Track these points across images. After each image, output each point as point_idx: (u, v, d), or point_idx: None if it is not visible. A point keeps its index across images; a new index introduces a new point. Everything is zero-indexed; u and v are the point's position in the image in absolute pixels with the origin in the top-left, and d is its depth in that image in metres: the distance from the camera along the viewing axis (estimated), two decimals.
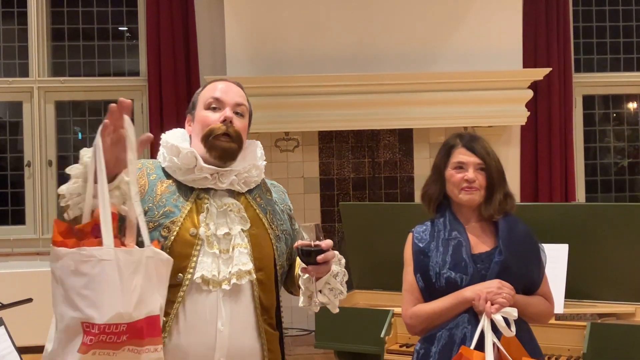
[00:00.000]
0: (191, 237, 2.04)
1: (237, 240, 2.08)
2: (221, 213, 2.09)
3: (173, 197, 2.09)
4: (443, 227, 2.49)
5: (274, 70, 5.85)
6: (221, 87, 2.19)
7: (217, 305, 2.02)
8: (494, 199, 2.45)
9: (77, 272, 1.64)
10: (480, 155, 2.47)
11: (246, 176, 2.15)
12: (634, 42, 6.79)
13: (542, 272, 2.50)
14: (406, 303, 2.52)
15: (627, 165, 6.81)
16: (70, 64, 6.43)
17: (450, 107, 5.91)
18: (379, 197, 6.24)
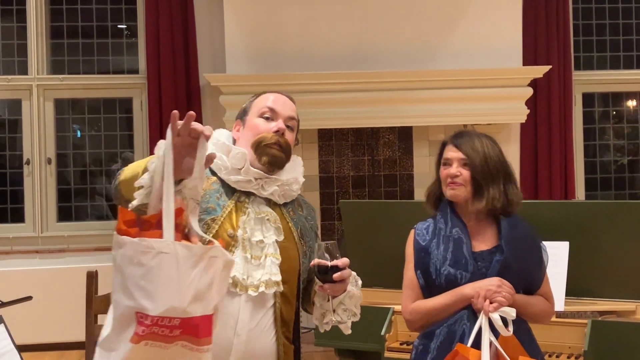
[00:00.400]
0: (228, 237, 2.06)
1: (270, 249, 2.10)
2: (258, 220, 2.12)
3: (216, 194, 2.12)
4: (444, 224, 2.49)
5: (274, 68, 5.84)
6: (276, 99, 2.24)
7: (239, 309, 2.04)
8: (483, 194, 2.43)
9: (137, 262, 1.63)
10: (464, 150, 2.47)
11: (287, 188, 2.19)
12: (633, 39, 6.78)
13: (543, 272, 2.50)
14: (406, 299, 2.52)
15: (627, 162, 6.81)
16: (69, 62, 6.42)
17: (450, 104, 5.91)
18: (378, 195, 6.24)
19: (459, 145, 2.50)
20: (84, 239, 6.22)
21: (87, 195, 6.46)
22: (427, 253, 2.48)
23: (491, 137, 2.58)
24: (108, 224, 6.37)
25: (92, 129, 6.55)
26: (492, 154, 2.48)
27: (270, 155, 2.13)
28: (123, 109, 6.44)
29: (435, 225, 2.52)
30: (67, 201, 6.38)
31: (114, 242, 1.68)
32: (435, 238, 2.48)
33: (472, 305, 2.32)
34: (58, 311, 5.81)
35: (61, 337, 5.85)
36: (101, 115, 6.47)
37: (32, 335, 5.76)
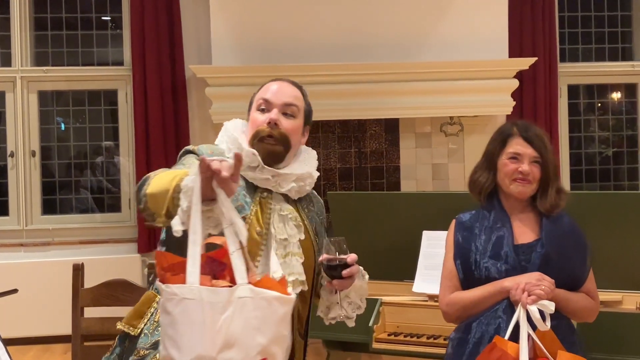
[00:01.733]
0: (258, 236, 2.03)
1: (294, 248, 2.07)
2: (281, 217, 2.09)
3: (242, 192, 2.07)
4: (488, 216, 2.46)
5: (260, 60, 5.82)
6: (273, 88, 2.18)
7: None
8: (548, 193, 2.41)
9: (164, 309, 1.57)
10: (537, 147, 2.42)
11: (302, 184, 2.15)
12: (618, 31, 6.81)
13: (587, 269, 2.45)
14: (443, 290, 2.50)
15: (612, 154, 6.84)
16: (54, 54, 6.36)
17: (436, 96, 5.91)
18: (365, 187, 6.24)
19: (531, 140, 2.44)
20: (68, 232, 6.18)
21: (72, 188, 6.41)
22: (467, 244, 2.45)
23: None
24: (93, 217, 6.34)
25: (77, 121, 6.51)
26: (551, 148, 2.46)
27: (263, 151, 2.08)
28: (108, 101, 6.40)
29: (477, 215, 2.49)
30: (52, 194, 6.34)
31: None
32: (477, 230, 2.45)
33: (510, 297, 2.28)
34: (43, 304, 5.78)
35: (46, 330, 5.82)
36: (86, 107, 6.42)
37: (17, 329, 5.72)
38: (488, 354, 2.18)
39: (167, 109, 6.05)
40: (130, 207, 6.28)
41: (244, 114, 6.43)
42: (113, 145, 6.38)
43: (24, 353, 5.67)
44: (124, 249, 6.02)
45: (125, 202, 6.31)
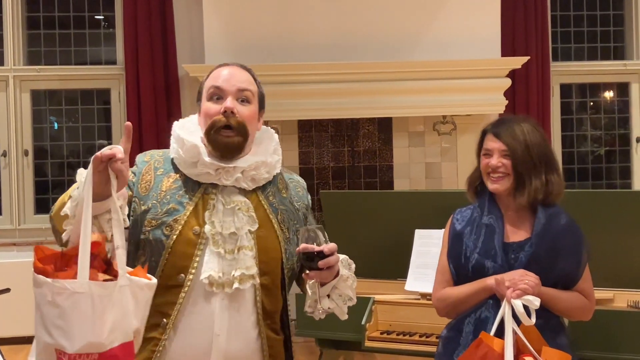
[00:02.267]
0: (194, 235, 1.96)
1: (243, 241, 1.98)
2: (229, 211, 1.99)
3: (178, 193, 2.00)
4: (480, 212, 2.44)
5: (253, 59, 5.81)
6: (224, 74, 2.05)
7: (216, 308, 1.95)
8: (525, 186, 2.37)
9: (52, 302, 1.64)
10: (504, 140, 2.39)
11: (254, 174, 2.03)
12: (610, 30, 6.83)
13: (581, 268, 2.41)
14: (436, 284, 2.50)
15: (604, 153, 6.86)
16: (46, 53, 6.35)
17: (429, 95, 5.92)
18: (358, 185, 6.25)
19: (499, 134, 2.41)
20: None
21: (65, 188, 6.38)
22: (460, 240, 2.44)
23: (532, 120, 2.49)
24: None
25: (70, 120, 6.50)
26: (534, 141, 2.39)
27: (220, 145, 1.98)
28: (101, 100, 6.39)
29: (473, 212, 2.48)
30: (45, 193, 6.33)
31: (33, 280, 1.71)
32: (470, 226, 2.44)
33: (495, 292, 2.27)
34: None
35: None
36: (78, 106, 6.41)
37: (10, 328, 5.71)
38: (474, 350, 2.17)
39: (160, 108, 6.04)
40: None
41: None
42: (106, 144, 6.36)
43: (17, 352, 5.66)
44: None
45: None
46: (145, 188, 2.02)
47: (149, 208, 1.98)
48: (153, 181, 2.03)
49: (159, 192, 2.00)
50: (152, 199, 2.00)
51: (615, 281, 3.29)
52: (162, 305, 1.92)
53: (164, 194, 2.00)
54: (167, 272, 1.94)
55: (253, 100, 2.08)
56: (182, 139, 2.03)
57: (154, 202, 2.00)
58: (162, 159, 2.09)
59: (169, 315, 1.94)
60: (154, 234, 1.96)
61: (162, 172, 2.05)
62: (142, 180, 2.04)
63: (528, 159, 2.37)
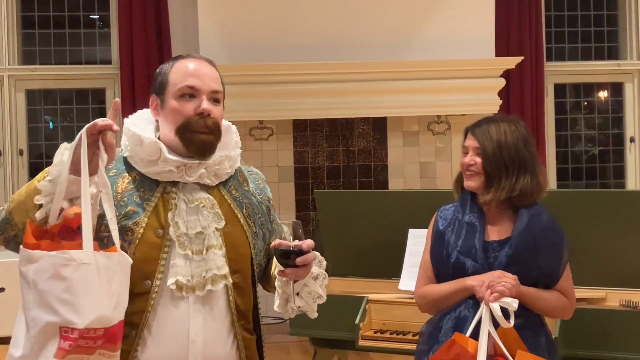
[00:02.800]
0: (158, 238, 1.87)
1: (211, 240, 1.89)
2: (192, 209, 1.90)
3: (136, 194, 1.90)
4: (462, 210, 2.45)
5: (248, 58, 5.82)
6: (194, 70, 1.95)
7: (189, 313, 1.86)
8: (494, 185, 2.37)
9: (56, 275, 1.58)
10: (479, 139, 2.41)
11: (217, 169, 1.96)
12: (604, 31, 6.85)
13: (562, 268, 2.41)
14: (419, 280, 2.51)
15: (598, 153, 6.89)
16: (41, 52, 6.35)
17: (424, 95, 5.93)
18: (353, 185, 6.26)
19: (475, 132, 2.43)
20: None
21: None
22: (441, 238, 2.44)
23: (517, 121, 2.47)
24: None
25: (65, 120, 6.49)
26: (509, 141, 2.38)
27: (198, 143, 1.89)
28: (96, 100, 6.39)
29: (455, 210, 2.49)
30: None
31: (22, 258, 1.64)
32: (452, 224, 2.44)
33: (475, 295, 2.27)
34: None
35: None
36: (73, 106, 6.41)
37: (4, 328, 5.70)
38: (447, 350, 2.16)
39: None
40: None
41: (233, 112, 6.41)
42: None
43: None
44: None
45: None
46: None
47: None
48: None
49: (114, 195, 1.88)
50: None
51: (607, 280, 3.31)
52: (129, 315, 1.78)
53: (120, 196, 1.90)
54: (131, 279, 1.78)
55: (222, 100, 2.01)
56: (138, 136, 1.92)
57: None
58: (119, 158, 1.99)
59: (138, 325, 1.85)
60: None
61: (114, 173, 1.94)
62: None
63: (498, 158, 2.37)
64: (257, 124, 6.09)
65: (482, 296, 2.23)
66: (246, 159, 6.82)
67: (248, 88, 5.70)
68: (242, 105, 5.61)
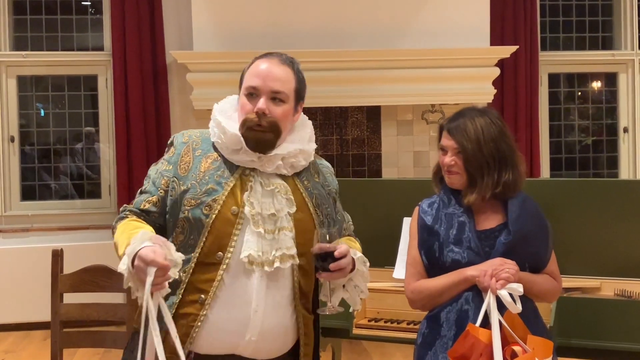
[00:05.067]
0: (233, 215, 2.03)
1: (283, 222, 2.06)
2: (267, 192, 2.07)
3: (217, 173, 2.08)
4: (447, 202, 2.43)
5: (241, 46, 5.79)
6: (262, 71, 2.12)
7: (256, 285, 2.02)
8: (475, 185, 2.36)
9: None
10: (456, 139, 2.38)
11: (293, 161, 2.13)
12: (599, 20, 6.85)
13: (550, 251, 2.43)
14: (409, 277, 2.48)
15: (591, 143, 6.89)
16: (33, 38, 6.30)
17: (418, 84, 5.92)
18: (347, 174, 6.25)
19: (452, 132, 2.39)
20: (47, 218, 6.14)
21: (51, 174, 6.36)
22: (431, 231, 2.41)
23: (491, 113, 2.45)
24: (72, 203, 6.30)
25: (56, 106, 6.45)
26: (487, 137, 2.35)
27: (253, 140, 2.07)
28: (88, 87, 6.35)
29: (440, 202, 2.46)
30: (31, 180, 6.29)
31: None
32: (439, 216, 2.42)
33: (478, 285, 2.26)
34: (22, 291, 5.74)
35: (26, 317, 5.79)
36: (65, 92, 6.37)
37: None
38: (462, 341, 2.17)
39: (148, 95, 6.01)
40: (110, 193, 6.24)
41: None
42: (93, 131, 6.34)
43: (3, 339, 5.64)
44: (103, 235, 5.96)
45: (105, 189, 6.28)
46: (185, 169, 2.10)
47: (189, 188, 2.05)
48: (192, 162, 2.11)
49: (197, 173, 2.08)
50: (191, 179, 2.07)
51: (602, 270, 3.31)
52: (200, 282, 2.01)
53: (202, 174, 2.08)
54: (205, 250, 2.01)
55: (288, 99, 2.14)
56: (223, 127, 2.11)
57: (193, 182, 2.07)
58: (199, 139, 2.17)
59: (207, 292, 2.01)
60: (193, 213, 2.03)
61: (200, 153, 2.13)
62: (181, 161, 2.12)
63: (479, 156, 2.35)
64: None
65: (486, 285, 2.22)
66: None
67: None
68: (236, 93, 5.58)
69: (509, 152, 2.39)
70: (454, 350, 2.21)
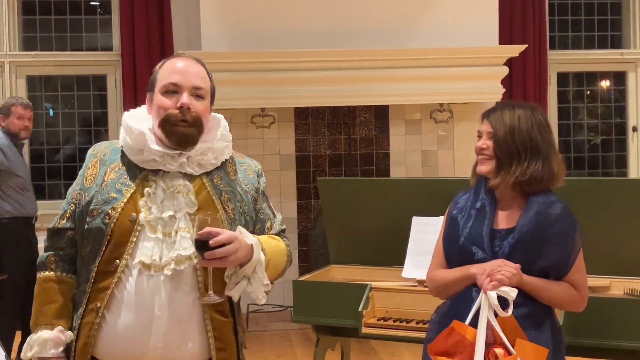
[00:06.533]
0: (130, 222, 2.01)
1: (180, 224, 2.03)
2: (169, 195, 2.05)
3: (119, 181, 2.07)
4: (475, 196, 2.42)
5: (250, 46, 5.80)
6: (180, 68, 2.11)
7: (157, 290, 1.99)
8: (504, 170, 2.33)
9: None
10: (491, 122, 2.37)
11: (200, 159, 2.10)
12: (608, 19, 6.83)
13: (572, 259, 2.34)
14: (431, 264, 2.50)
15: (600, 142, 6.88)
16: (42, 38, 6.33)
17: (426, 83, 5.91)
18: (354, 173, 6.25)
19: (489, 117, 2.40)
20: None
21: (61, 174, 6.39)
22: (454, 224, 2.41)
23: (535, 108, 2.42)
24: None
25: (65, 106, 6.47)
26: (523, 126, 2.33)
27: (178, 134, 2.04)
28: (96, 87, 6.37)
29: (471, 194, 2.45)
30: (41, 180, 6.31)
31: None
32: (464, 209, 2.42)
33: (477, 283, 2.25)
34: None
35: None
36: (74, 92, 6.39)
37: None
38: (446, 337, 2.16)
39: None
40: None
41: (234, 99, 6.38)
42: (103, 131, 6.36)
43: None
44: None
45: None
46: (90, 180, 2.10)
47: (91, 199, 2.06)
48: (98, 173, 2.11)
49: (101, 183, 2.08)
50: (94, 190, 2.08)
51: (611, 269, 3.30)
52: (98, 290, 2.02)
53: (105, 183, 2.08)
54: (104, 260, 2.02)
55: (206, 96, 2.14)
56: (130, 128, 2.10)
57: (95, 192, 2.07)
58: (108, 150, 2.17)
59: (103, 299, 2.01)
60: (94, 224, 2.03)
61: (106, 164, 2.13)
62: (87, 174, 2.13)
63: (510, 142, 2.33)
64: (259, 112, 6.07)
65: (481, 284, 2.21)
66: (248, 146, 6.83)
67: (250, 75, 5.68)
68: (244, 93, 5.60)
69: (543, 145, 2.36)
70: (435, 346, 2.19)
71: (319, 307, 3.46)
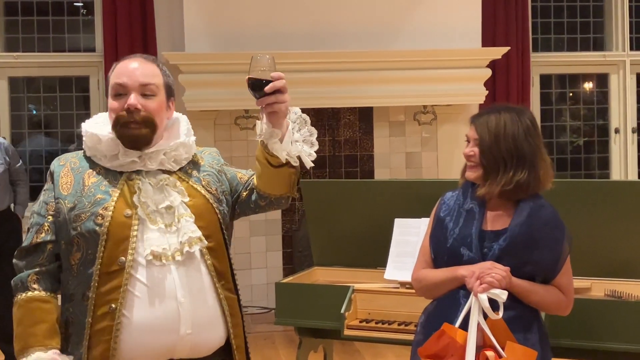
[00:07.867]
0: (127, 218, 2.00)
1: (180, 210, 2.05)
2: (158, 189, 2.06)
3: (102, 184, 2.05)
4: (463, 197, 2.43)
5: (233, 47, 5.79)
6: (127, 69, 2.08)
7: (173, 277, 2.00)
8: (490, 179, 2.33)
9: None
10: (477, 129, 2.37)
11: (175, 154, 2.12)
12: (590, 22, 6.87)
13: (559, 263, 2.36)
14: (417, 264, 2.50)
15: (583, 144, 6.92)
16: (24, 39, 6.29)
17: (410, 85, 5.93)
18: (339, 175, 6.25)
19: (475, 122, 2.39)
20: None
21: (43, 176, 6.34)
22: (442, 223, 2.41)
23: (522, 111, 2.40)
24: None
25: (48, 108, 6.44)
26: (509, 132, 2.32)
27: (128, 137, 2.03)
28: (79, 88, 6.34)
29: (459, 195, 2.45)
30: None
31: None
32: (452, 210, 2.41)
33: (466, 285, 2.25)
34: None
35: None
36: (57, 94, 6.35)
37: None
38: (436, 340, 2.16)
39: None
40: None
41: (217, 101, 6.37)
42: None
43: None
44: None
45: None
46: (67, 188, 2.06)
47: (75, 205, 2.02)
48: (73, 180, 2.07)
49: (82, 188, 2.05)
50: (76, 196, 2.04)
51: (592, 270, 3.31)
52: (107, 293, 1.97)
53: (87, 188, 2.05)
54: (106, 261, 1.98)
55: (158, 92, 2.10)
56: (96, 135, 2.08)
57: (79, 197, 2.03)
58: (77, 159, 2.14)
59: (117, 299, 1.97)
60: (85, 227, 1.99)
61: (80, 171, 2.10)
62: (61, 183, 2.08)
63: (495, 151, 2.32)
64: (243, 113, 6.06)
65: (471, 287, 2.21)
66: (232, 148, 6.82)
67: (234, 77, 5.64)
68: (227, 94, 5.58)
69: (529, 152, 2.34)
70: (425, 349, 2.19)
71: (302, 309, 3.46)
